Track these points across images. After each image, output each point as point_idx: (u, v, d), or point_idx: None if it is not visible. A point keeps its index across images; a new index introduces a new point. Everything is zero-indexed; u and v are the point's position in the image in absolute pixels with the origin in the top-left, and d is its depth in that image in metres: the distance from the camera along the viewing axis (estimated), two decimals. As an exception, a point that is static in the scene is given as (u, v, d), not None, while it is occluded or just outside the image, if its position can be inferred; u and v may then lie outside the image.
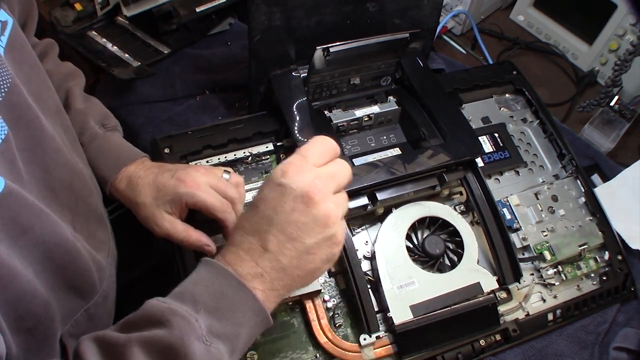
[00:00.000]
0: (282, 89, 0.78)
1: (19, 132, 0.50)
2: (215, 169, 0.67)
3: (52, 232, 0.52)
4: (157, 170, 0.65)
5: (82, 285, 0.58)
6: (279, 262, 0.50)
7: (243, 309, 0.48)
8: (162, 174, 0.64)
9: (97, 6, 0.94)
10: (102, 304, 0.62)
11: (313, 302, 0.69)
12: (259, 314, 0.49)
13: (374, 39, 0.75)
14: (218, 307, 0.47)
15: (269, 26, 0.75)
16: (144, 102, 0.92)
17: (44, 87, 0.59)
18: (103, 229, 0.67)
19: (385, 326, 0.69)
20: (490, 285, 0.71)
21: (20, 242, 0.48)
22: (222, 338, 0.47)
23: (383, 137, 0.82)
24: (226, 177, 0.66)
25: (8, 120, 0.48)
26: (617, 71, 0.94)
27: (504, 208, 0.79)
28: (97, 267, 0.60)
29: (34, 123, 0.53)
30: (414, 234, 0.75)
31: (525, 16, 1.17)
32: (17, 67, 0.53)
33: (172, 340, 0.44)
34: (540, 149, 0.87)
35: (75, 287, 0.57)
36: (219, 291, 0.48)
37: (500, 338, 0.73)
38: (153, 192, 0.63)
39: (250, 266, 0.50)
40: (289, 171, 0.50)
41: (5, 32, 0.52)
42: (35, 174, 0.53)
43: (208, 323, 0.46)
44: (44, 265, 0.51)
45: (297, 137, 0.73)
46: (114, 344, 0.44)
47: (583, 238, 0.80)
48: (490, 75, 0.91)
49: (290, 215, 0.49)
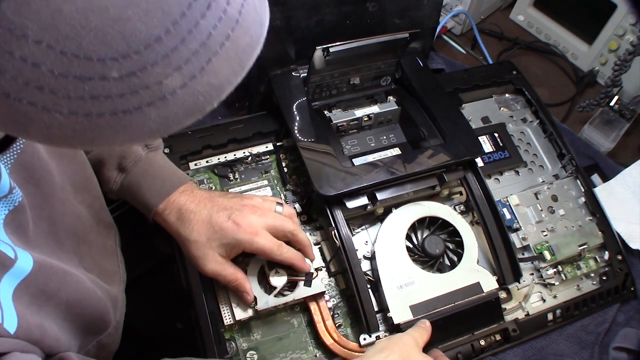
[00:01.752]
0: (282, 89, 0.78)
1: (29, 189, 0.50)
2: (268, 202, 0.67)
3: (74, 290, 0.52)
4: (211, 206, 0.64)
5: (99, 323, 0.59)
6: None
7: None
8: (217, 212, 0.63)
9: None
10: (114, 333, 0.62)
11: (318, 304, 0.69)
12: None
13: (374, 39, 0.75)
14: None
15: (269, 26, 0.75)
16: (144, 102, 0.92)
17: None
18: (111, 259, 0.67)
19: (385, 326, 0.69)
20: (490, 285, 0.71)
21: (47, 308, 0.49)
22: None
23: (383, 137, 0.82)
24: (279, 210, 0.67)
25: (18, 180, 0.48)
26: (617, 71, 0.94)
27: (504, 208, 0.79)
28: (112, 302, 0.61)
29: (45, 179, 0.52)
30: (413, 234, 0.75)
31: (525, 16, 1.17)
32: None
33: None
34: (540, 149, 0.87)
35: (93, 328, 0.58)
36: None
37: (500, 338, 0.73)
38: (207, 232, 0.62)
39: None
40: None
41: None
42: (43, 228, 0.52)
43: None
44: (65, 320, 0.52)
45: (297, 137, 0.73)
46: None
47: (583, 238, 0.80)
48: (490, 75, 0.91)
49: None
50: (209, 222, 0.63)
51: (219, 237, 0.62)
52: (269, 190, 0.77)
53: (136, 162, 0.67)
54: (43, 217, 0.53)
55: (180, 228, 0.63)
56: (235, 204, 0.65)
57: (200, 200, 0.65)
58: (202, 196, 0.66)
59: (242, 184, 0.78)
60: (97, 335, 0.59)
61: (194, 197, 0.66)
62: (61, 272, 0.51)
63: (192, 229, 0.63)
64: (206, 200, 0.65)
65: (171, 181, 0.67)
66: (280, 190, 0.77)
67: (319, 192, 0.69)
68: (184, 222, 0.63)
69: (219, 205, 0.64)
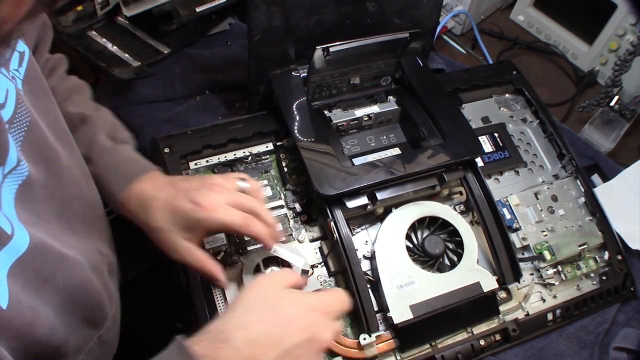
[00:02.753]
0: (282, 88, 0.78)
1: (39, 168, 0.50)
2: (229, 179, 0.65)
3: (71, 276, 0.52)
4: (170, 190, 0.62)
5: (97, 316, 0.58)
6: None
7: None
8: (176, 196, 0.61)
9: (97, 6, 0.94)
10: (112, 327, 0.62)
11: (315, 302, 0.69)
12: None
13: (374, 38, 0.75)
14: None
15: (269, 26, 0.75)
16: (144, 102, 0.92)
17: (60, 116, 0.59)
18: (111, 249, 0.66)
19: (385, 326, 0.69)
20: (490, 285, 0.71)
21: (43, 291, 0.48)
22: None
23: (383, 137, 0.82)
24: (242, 186, 0.64)
25: (29, 159, 0.48)
26: (617, 71, 0.94)
27: (504, 208, 0.79)
28: (108, 294, 0.60)
29: (52, 159, 0.53)
30: (413, 233, 0.75)
31: (525, 16, 1.17)
32: (35, 98, 0.53)
33: None
34: (540, 149, 0.87)
35: (91, 320, 0.57)
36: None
37: (500, 338, 0.73)
38: (168, 217, 0.60)
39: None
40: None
41: (23, 64, 0.53)
42: (54, 208, 0.53)
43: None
44: (62, 308, 0.51)
45: (297, 137, 0.73)
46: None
47: (583, 238, 0.80)
48: (490, 75, 0.91)
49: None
50: (169, 207, 0.61)
51: (181, 221, 0.60)
52: (269, 190, 0.77)
53: (102, 152, 0.66)
54: (55, 197, 0.53)
55: (143, 216, 0.62)
56: (193, 185, 0.63)
57: (161, 186, 0.63)
58: (163, 182, 0.64)
59: (242, 183, 0.78)
60: (97, 330, 0.59)
61: (155, 183, 0.64)
62: (58, 256, 0.50)
63: (152, 215, 0.61)
64: (166, 185, 0.63)
65: (135, 169, 0.66)
66: (280, 190, 0.77)
67: (319, 192, 0.68)
68: (144, 209, 0.62)
69: (178, 188, 0.62)
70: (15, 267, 0.44)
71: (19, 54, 0.53)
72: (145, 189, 0.63)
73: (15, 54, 0.52)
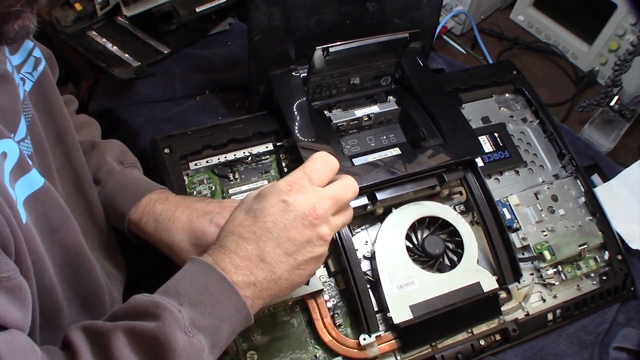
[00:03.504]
0: (282, 89, 0.78)
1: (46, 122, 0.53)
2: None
3: (74, 238, 0.53)
4: (188, 211, 0.63)
5: (94, 303, 0.59)
6: (272, 274, 0.51)
7: (225, 304, 0.49)
8: (197, 218, 0.62)
9: (97, 6, 0.94)
10: None
11: (316, 301, 0.69)
12: (240, 310, 0.50)
13: (374, 38, 0.75)
14: (201, 300, 0.48)
15: (269, 26, 0.75)
16: (144, 102, 0.92)
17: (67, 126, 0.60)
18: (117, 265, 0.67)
19: (385, 326, 0.69)
20: (490, 285, 0.71)
21: (48, 239, 0.50)
22: (204, 331, 0.47)
23: (383, 137, 0.82)
24: None
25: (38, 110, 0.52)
26: (617, 71, 0.94)
27: (504, 208, 0.79)
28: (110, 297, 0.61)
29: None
30: (413, 234, 0.75)
31: (525, 16, 1.17)
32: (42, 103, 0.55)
33: (156, 331, 0.44)
34: (540, 149, 0.87)
35: (87, 305, 0.58)
36: (203, 285, 0.49)
37: (500, 338, 0.73)
38: (190, 238, 0.62)
39: (244, 274, 0.50)
40: (293, 190, 0.52)
41: (38, 68, 0.55)
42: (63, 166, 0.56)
43: (191, 315, 0.47)
44: (62, 271, 0.52)
45: (297, 137, 0.73)
46: (100, 331, 0.45)
47: (583, 238, 0.80)
48: (490, 75, 0.91)
49: (288, 232, 0.51)
50: (189, 228, 0.62)
51: (203, 242, 0.61)
52: (269, 190, 0.77)
53: (109, 174, 0.67)
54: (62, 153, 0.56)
55: (163, 236, 0.63)
56: (215, 207, 0.64)
57: (177, 207, 0.64)
58: (179, 202, 0.65)
59: (242, 184, 0.78)
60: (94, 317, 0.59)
61: (170, 204, 0.65)
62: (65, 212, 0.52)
63: (173, 236, 0.62)
64: (183, 207, 0.64)
65: (142, 187, 0.67)
66: (280, 190, 0.77)
67: (319, 192, 0.68)
68: (164, 230, 0.63)
69: (198, 210, 0.63)
70: (30, 199, 0.47)
71: (34, 59, 0.55)
72: (160, 209, 0.64)
73: (31, 59, 0.54)
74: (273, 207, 0.51)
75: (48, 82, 0.57)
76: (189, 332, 0.46)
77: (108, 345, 0.44)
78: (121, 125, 0.90)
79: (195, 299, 0.48)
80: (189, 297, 0.48)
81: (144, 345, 0.45)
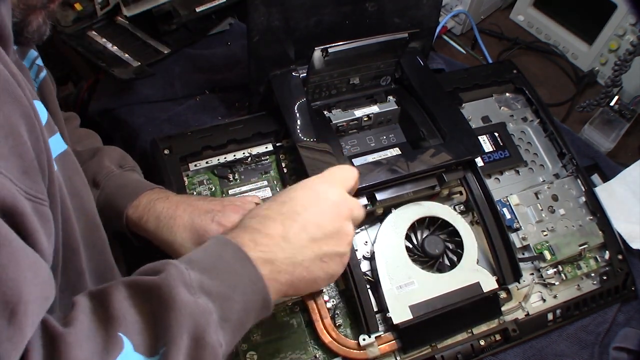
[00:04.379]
0: (282, 89, 0.78)
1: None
2: (247, 202, 0.66)
3: (92, 209, 0.54)
4: (191, 210, 0.63)
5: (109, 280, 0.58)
6: (294, 257, 0.50)
7: (239, 272, 0.47)
8: (199, 216, 0.62)
9: (97, 6, 0.94)
10: None
11: (316, 302, 0.68)
12: (255, 282, 0.47)
13: (373, 39, 0.75)
14: (213, 266, 0.46)
15: (268, 26, 0.75)
16: (144, 102, 0.92)
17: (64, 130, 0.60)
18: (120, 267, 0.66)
19: (384, 326, 0.69)
20: (490, 285, 0.71)
21: (73, 202, 0.49)
22: (213, 297, 0.44)
23: (383, 137, 0.82)
24: None
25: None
26: (617, 71, 0.94)
27: (504, 208, 0.79)
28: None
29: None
30: (413, 234, 0.75)
31: (525, 16, 1.17)
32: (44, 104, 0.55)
33: (158, 282, 0.42)
34: (540, 148, 0.87)
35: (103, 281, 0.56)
36: (216, 254, 0.47)
37: (500, 338, 0.73)
38: (193, 236, 0.61)
39: (262, 250, 0.48)
40: (329, 182, 0.53)
41: (40, 75, 0.55)
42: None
43: (199, 278, 0.44)
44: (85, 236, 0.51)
45: (296, 137, 0.73)
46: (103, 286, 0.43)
47: (583, 238, 0.80)
48: (490, 75, 0.91)
49: (318, 217, 0.51)
50: (191, 227, 0.61)
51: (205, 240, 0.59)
52: (269, 190, 0.77)
53: (108, 176, 0.67)
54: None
55: (162, 235, 0.62)
56: (216, 206, 0.64)
57: (179, 206, 0.63)
58: (180, 201, 0.64)
59: (242, 184, 0.78)
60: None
61: (171, 203, 0.64)
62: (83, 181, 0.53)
63: (175, 234, 0.62)
64: (185, 205, 0.64)
65: (141, 187, 0.67)
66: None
67: (318, 192, 0.68)
68: (165, 228, 0.62)
69: (200, 208, 0.63)
70: (60, 158, 0.48)
71: (37, 67, 0.54)
72: (161, 208, 0.64)
73: (34, 67, 0.54)
74: (305, 195, 0.52)
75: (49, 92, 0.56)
76: (194, 291, 0.43)
77: (108, 298, 0.42)
78: (121, 125, 0.90)
79: (207, 265, 0.46)
80: (201, 262, 0.46)
81: (143, 297, 0.42)
